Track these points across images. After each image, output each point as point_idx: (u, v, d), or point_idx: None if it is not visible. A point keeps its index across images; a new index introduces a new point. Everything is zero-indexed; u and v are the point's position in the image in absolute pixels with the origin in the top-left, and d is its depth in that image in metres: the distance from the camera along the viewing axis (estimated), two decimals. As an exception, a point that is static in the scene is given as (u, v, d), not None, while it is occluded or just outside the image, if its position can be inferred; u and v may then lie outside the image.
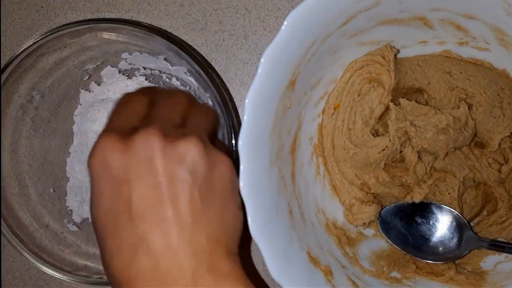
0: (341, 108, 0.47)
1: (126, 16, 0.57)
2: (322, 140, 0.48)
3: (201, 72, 0.44)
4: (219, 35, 0.55)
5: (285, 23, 0.37)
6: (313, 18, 0.38)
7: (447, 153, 0.46)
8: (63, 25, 0.46)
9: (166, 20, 0.55)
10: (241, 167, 0.38)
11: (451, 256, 0.46)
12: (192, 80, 0.50)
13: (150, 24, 0.53)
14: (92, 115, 0.54)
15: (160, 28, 0.55)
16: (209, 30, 0.55)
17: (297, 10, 0.37)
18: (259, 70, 0.38)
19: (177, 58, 0.47)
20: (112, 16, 0.57)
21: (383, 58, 0.45)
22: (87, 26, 0.46)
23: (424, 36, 0.46)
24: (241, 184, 0.38)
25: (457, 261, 0.47)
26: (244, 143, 0.38)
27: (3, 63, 0.49)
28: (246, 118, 0.38)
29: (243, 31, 0.54)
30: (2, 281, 0.58)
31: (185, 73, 0.49)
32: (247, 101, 0.38)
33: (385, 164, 0.46)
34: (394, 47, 0.46)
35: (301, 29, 0.38)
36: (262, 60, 0.37)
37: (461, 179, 0.47)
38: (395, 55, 0.45)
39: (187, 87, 0.52)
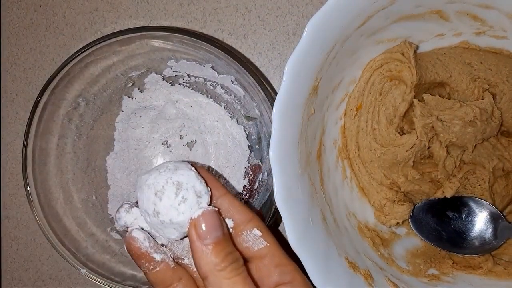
0: (363, 108, 0.46)
1: (125, 15, 0.56)
2: (346, 143, 0.48)
3: (256, 84, 0.43)
4: (218, 34, 0.54)
5: (306, 30, 0.37)
6: (332, 22, 0.38)
7: (475, 145, 0.45)
8: (114, 33, 0.45)
9: (165, 19, 0.55)
10: (274, 180, 0.37)
11: (487, 247, 0.46)
12: (239, 88, 0.48)
13: (201, 33, 0.51)
14: (134, 121, 0.53)
15: (212, 37, 0.53)
16: (209, 29, 0.54)
17: (317, 16, 0.37)
18: (284, 80, 0.37)
19: (226, 67, 0.46)
20: (111, 15, 0.56)
21: (403, 55, 0.44)
22: (138, 34, 0.45)
23: (441, 29, 0.45)
24: (276, 196, 0.37)
25: (493, 253, 0.47)
26: (275, 155, 0.37)
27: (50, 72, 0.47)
28: (274, 128, 0.37)
29: (243, 30, 0.54)
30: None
31: (232, 82, 0.48)
32: (274, 111, 0.37)
33: (413, 161, 0.45)
34: (412, 43, 0.45)
35: (321, 35, 0.38)
36: (286, 69, 0.37)
37: (491, 170, 0.46)
38: (415, 51, 0.45)
39: (232, 95, 0.51)
